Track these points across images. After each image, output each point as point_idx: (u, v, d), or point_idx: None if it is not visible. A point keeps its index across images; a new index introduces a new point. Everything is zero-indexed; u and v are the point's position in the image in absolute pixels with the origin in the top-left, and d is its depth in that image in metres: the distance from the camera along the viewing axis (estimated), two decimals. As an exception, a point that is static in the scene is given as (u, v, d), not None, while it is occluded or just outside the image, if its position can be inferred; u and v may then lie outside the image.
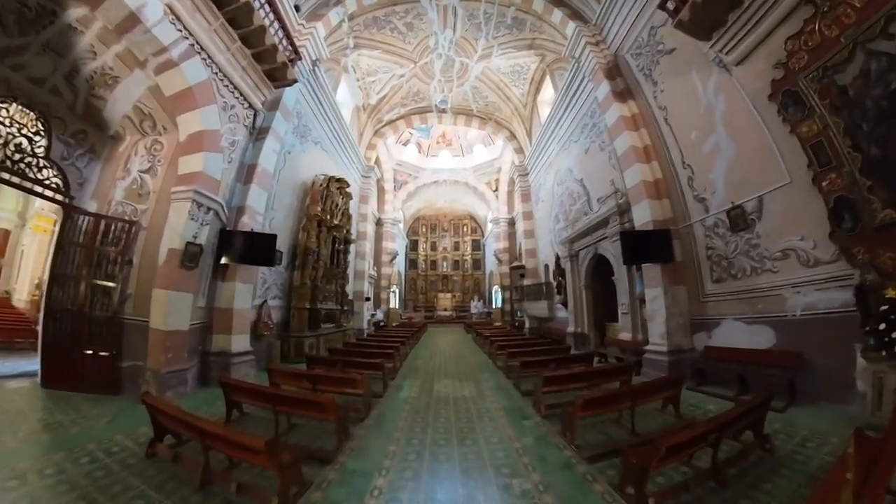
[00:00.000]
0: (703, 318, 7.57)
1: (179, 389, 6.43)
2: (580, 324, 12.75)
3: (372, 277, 22.05)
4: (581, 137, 12.91)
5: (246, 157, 9.26)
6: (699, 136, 7.45)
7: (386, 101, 19.20)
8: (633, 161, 9.20)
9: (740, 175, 6.59)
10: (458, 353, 12.19)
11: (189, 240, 6.87)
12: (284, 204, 11.73)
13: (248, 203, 9.04)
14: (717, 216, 7.15)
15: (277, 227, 11.23)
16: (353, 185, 17.57)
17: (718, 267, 7.23)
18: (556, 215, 14.93)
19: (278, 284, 11.41)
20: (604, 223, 11.23)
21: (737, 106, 6.51)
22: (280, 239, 11.38)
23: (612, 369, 6.63)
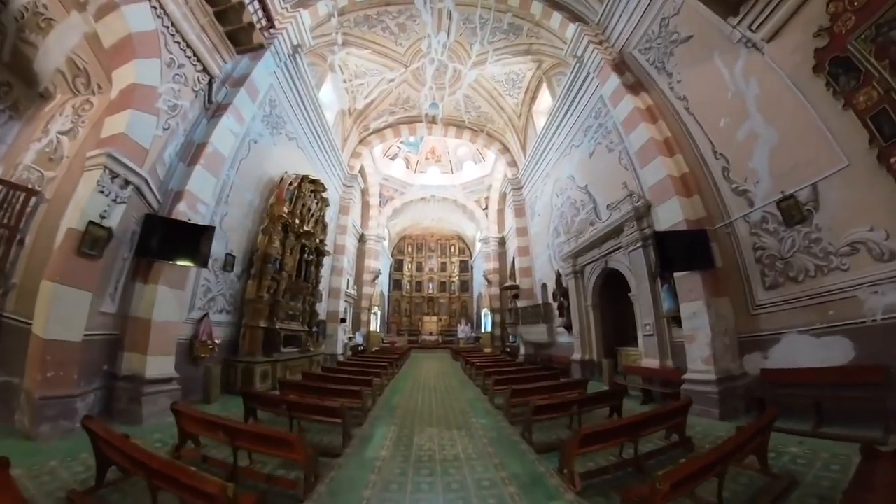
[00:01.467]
0: (756, 335, 6.20)
1: (61, 423, 4.65)
2: (587, 350, 10.74)
3: (350, 297, 19.69)
4: (584, 140, 11.48)
5: (196, 135, 7.69)
6: (730, 123, 6.58)
7: (373, 106, 17.69)
8: (653, 154, 7.96)
9: (788, 161, 5.67)
10: (445, 385, 9.91)
11: (93, 219, 5.18)
12: (243, 200, 9.65)
13: (190, 188, 7.15)
14: (764, 209, 6.04)
15: (232, 225, 9.13)
16: (332, 193, 15.64)
17: (772, 270, 5.97)
18: (556, 228, 13.24)
19: (227, 296, 9.12)
20: (616, 232, 9.53)
21: (773, 86, 5.77)
22: (235, 241, 9.31)
23: (669, 411, 4.58)
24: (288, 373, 9.77)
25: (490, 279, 22.49)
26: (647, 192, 8.48)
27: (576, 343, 11.10)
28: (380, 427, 5.78)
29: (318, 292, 12.44)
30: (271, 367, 9.24)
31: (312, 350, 11.31)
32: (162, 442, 4.68)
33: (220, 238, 8.71)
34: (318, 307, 13.81)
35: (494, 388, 7.34)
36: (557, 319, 12.62)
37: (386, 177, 23.36)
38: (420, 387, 9.63)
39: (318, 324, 13.56)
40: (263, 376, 8.96)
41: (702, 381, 6.25)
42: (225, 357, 8.81)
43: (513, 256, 19.73)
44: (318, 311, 12.63)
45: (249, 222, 9.95)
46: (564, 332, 12.05)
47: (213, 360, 8.26)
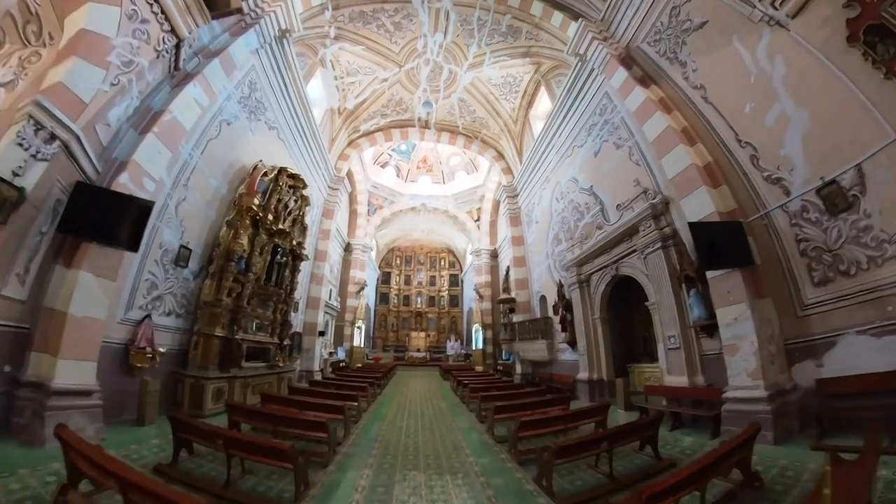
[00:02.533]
0: (807, 340, 5.33)
1: None
2: (596, 368, 9.42)
3: (333, 308, 18.03)
4: (588, 139, 10.61)
5: (154, 101, 6.63)
6: (756, 107, 6.01)
7: (365, 107, 16.67)
8: (673, 143, 7.15)
9: (825, 144, 5.12)
10: (434, 410, 8.32)
11: (2, 174, 4.17)
12: (207, 186, 8.30)
13: (137, 158, 5.97)
14: (803, 198, 5.40)
15: (190, 213, 7.75)
16: (315, 193, 14.31)
17: (819, 264, 5.23)
18: (556, 236, 12.12)
19: (179, 296, 7.59)
20: (629, 234, 8.45)
21: (802, 64, 5.32)
22: (193, 231, 7.90)
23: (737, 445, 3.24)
24: (250, 392, 8.13)
25: (482, 293, 21.15)
26: (663, 187, 7.70)
27: (582, 361, 9.77)
28: (351, 469, 4.26)
29: (292, 300, 10.87)
30: (228, 385, 7.61)
31: (282, 366, 9.64)
32: (58, 475, 3.23)
33: (173, 226, 7.32)
34: (293, 318, 12.19)
35: (496, 417, 5.89)
36: (559, 335, 11.30)
37: (375, 184, 22.17)
38: (405, 411, 8.06)
39: (293, 336, 11.91)
40: (217, 395, 7.33)
41: (748, 400, 5.22)
42: (172, 370, 7.24)
43: (506, 268, 18.54)
44: (291, 321, 11.02)
45: (213, 212, 8.51)
46: (567, 348, 10.72)
47: (155, 373, 6.68)
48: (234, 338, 7.98)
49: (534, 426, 5.04)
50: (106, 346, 5.71)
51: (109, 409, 5.56)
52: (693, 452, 4.91)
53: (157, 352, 6.76)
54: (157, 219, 6.81)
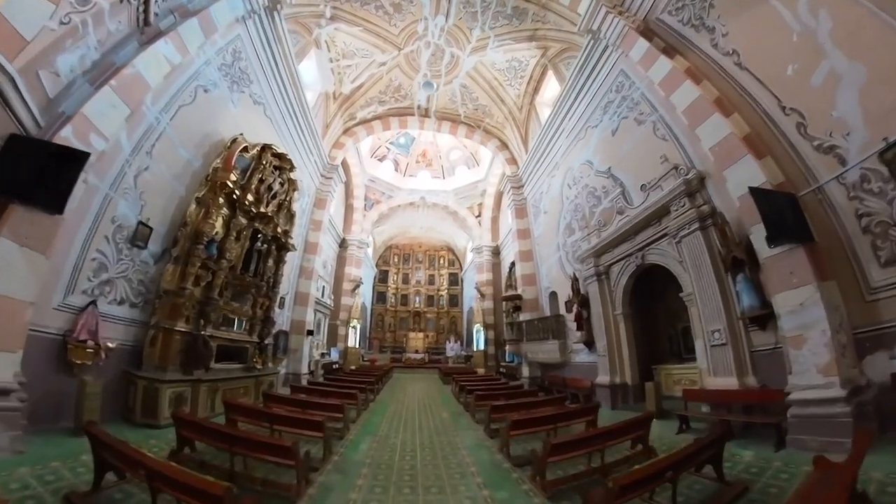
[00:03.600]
0: (877, 329, 4.49)
1: None
2: (618, 371, 8.20)
3: (325, 306, 16.74)
4: (604, 118, 9.59)
5: (118, 57, 5.71)
6: (801, 68, 5.32)
7: (362, 92, 15.51)
8: (707, 113, 6.31)
9: (885, 100, 4.41)
10: (434, 422, 6.94)
11: None
12: (176, 157, 7.18)
13: (86, 111, 5.00)
14: (863, 166, 4.66)
15: (152, 185, 6.64)
16: (305, 181, 13.11)
17: (886, 241, 4.46)
18: (569, 225, 10.94)
19: (135, 282, 6.37)
20: (657, 216, 7.35)
21: (851, 14, 4.73)
22: (155, 207, 6.79)
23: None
24: (219, 398, 6.84)
25: (483, 292, 19.91)
26: (697, 162, 6.79)
27: (601, 363, 8.53)
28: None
29: (276, 295, 9.60)
30: (191, 389, 6.33)
31: (261, 368, 8.33)
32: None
33: (130, 199, 6.18)
34: (278, 315, 10.92)
35: (512, 434, 4.65)
36: (573, 334, 10.07)
37: (372, 178, 20.97)
38: (401, 423, 6.76)
39: (277, 336, 10.62)
40: (176, 401, 6.06)
41: (821, 401, 4.33)
42: (124, 370, 5.99)
43: (510, 264, 17.32)
44: (275, 318, 9.73)
45: (182, 188, 7.30)
46: (583, 349, 9.49)
47: (101, 372, 5.49)
48: (201, 334, 6.72)
49: (564, 449, 3.80)
50: (36, 336, 4.64)
51: (39, 413, 4.58)
52: (761, 471, 3.84)
53: (102, 346, 5.54)
54: (111, 188, 5.78)
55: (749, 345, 5.81)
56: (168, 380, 6.01)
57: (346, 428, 5.71)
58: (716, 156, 6.08)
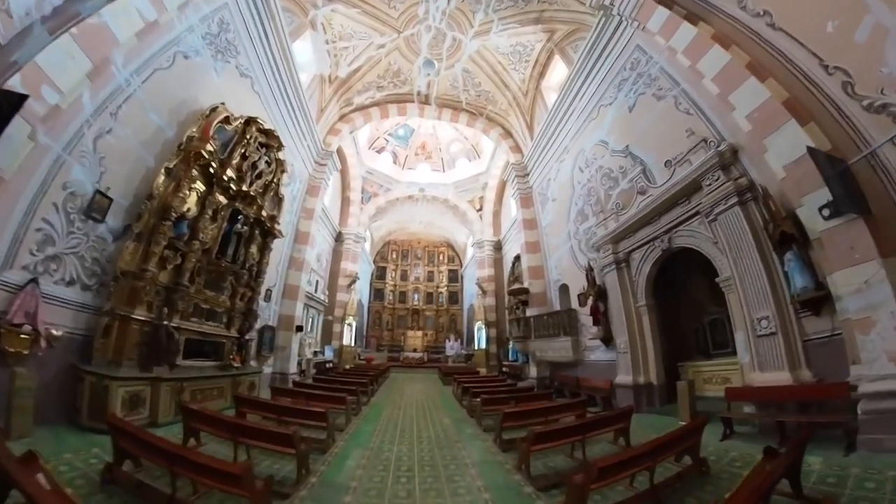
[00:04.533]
0: None
1: None
2: (641, 369, 7.25)
3: (319, 302, 15.72)
4: (619, 96, 8.87)
5: (85, 7, 5.05)
6: (841, 24, 4.82)
7: (359, 76, 14.59)
8: (741, 77, 5.64)
9: None
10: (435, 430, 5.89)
11: None
12: (147, 122, 6.35)
13: (39, 60, 4.37)
14: None
15: (116, 151, 5.79)
16: (297, 166, 12.16)
17: None
18: (581, 211, 10.01)
19: (89, 260, 5.45)
20: (686, 193, 6.57)
21: None
22: (118, 176, 5.98)
23: None
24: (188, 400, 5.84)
25: (485, 288, 18.94)
26: (727, 133, 6.10)
27: (622, 360, 7.57)
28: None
29: (259, 285, 8.59)
30: (150, 389, 5.32)
31: (239, 367, 7.30)
32: None
33: (88, 164, 5.31)
34: (264, 308, 9.92)
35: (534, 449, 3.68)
36: (588, 329, 9.11)
37: (370, 170, 20.02)
38: (397, 431, 5.76)
39: (262, 331, 9.60)
40: (132, 402, 5.10)
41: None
42: (72, 362, 5.05)
43: (514, 258, 16.37)
44: (258, 311, 8.71)
45: (151, 157, 6.37)
46: (600, 346, 8.52)
47: (40, 364, 4.58)
48: (164, 324, 5.71)
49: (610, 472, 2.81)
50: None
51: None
52: (839, 481, 3.15)
53: (44, 333, 4.61)
54: (65, 149, 4.95)
55: (801, 333, 4.97)
56: (121, 377, 5.03)
57: (331, 439, 4.73)
58: (754, 123, 5.38)
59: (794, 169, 4.97)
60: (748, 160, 5.73)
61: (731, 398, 5.48)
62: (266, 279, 9.37)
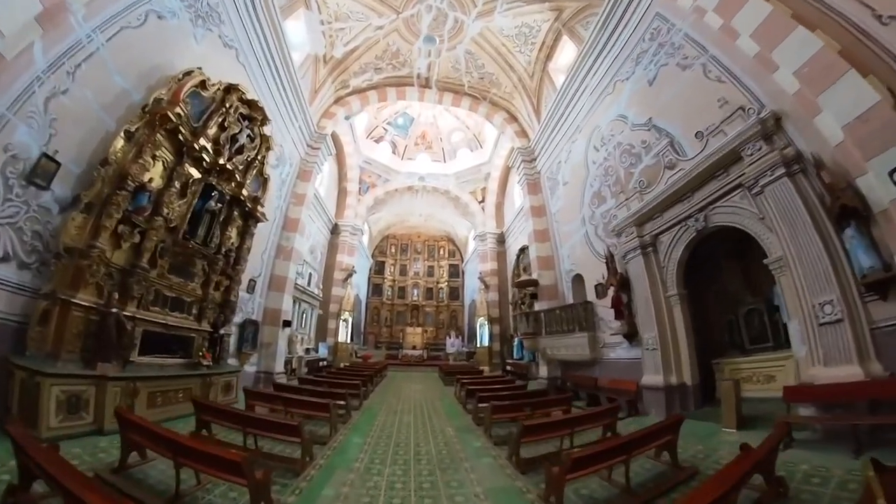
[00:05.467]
0: None
1: None
2: (673, 367, 6.32)
3: (313, 297, 14.76)
4: (637, 69, 8.16)
5: None
6: None
7: (355, 57, 13.65)
8: (788, 28, 4.91)
9: None
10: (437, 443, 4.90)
11: None
12: (109, 85, 5.48)
13: None
14: None
15: (71, 113, 4.97)
16: (288, 147, 11.22)
17: None
18: (598, 193, 9.08)
19: (29, 233, 4.66)
20: (726, 162, 5.74)
21: None
22: (71, 140, 5.12)
23: None
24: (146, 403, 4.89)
25: (487, 282, 17.99)
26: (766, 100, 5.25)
27: (648, 359, 6.62)
28: None
29: (238, 273, 7.61)
30: (95, 389, 4.38)
31: (210, 365, 6.29)
32: None
33: (35, 125, 4.54)
34: (246, 300, 8.97)
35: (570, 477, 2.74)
36: (607, 324, 8.16)
37: (368, 160, 19.06)
38: (390, 444, 4.76)
39: (245, 326, 8.63)
40: (70, 405, 4.17)
41: None
42: (3, 354, 4.15)
43: (519, 249, 15.42)
44: (237, 303, 7.72)
45: (112, 121, 5.50)
46: (622, 342, 7.58)
47: None
48: (115, 312, 4.74)
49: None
50: None
51: None
52: None
53: None
54: (9, 108, 4.22)
55: (868, 320, 4.16)
56: (56, 373, 4.09)
57: (308, 457, 3.76)
58: (804, 80, 4.66)
59: (857, 128, 4.27)
60: (793, 128, 4.94)
61: (792, 399, 4.61)
62: (249, 268, 8.43)
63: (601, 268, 8.41)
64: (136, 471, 3.48)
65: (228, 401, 6.23)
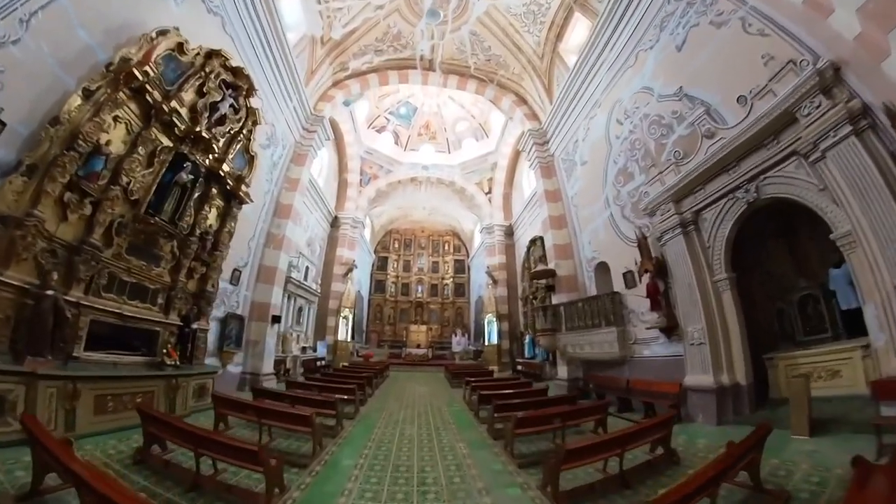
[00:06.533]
0: None
1: None
2: (724, 365, 5.33)
3: (311, 292, 13.90)
4: (662, 36, 7.34)
5: None
6: None
7: (355, 38, 12.85)
8: None
9: None
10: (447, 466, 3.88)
11: None
12: (70, 39, 4.77)
13: None
14: None
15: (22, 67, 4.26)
16: (280, 128, 10.41)
17: None
18: (623, 170, 8.17)
19: None
20: (776, 127, 4.84)
21: None
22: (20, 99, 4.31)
23: None
24: (92, 409, 4.02)
25: (495, 276, 17.05)
26: (820, 49, 4.48)
27: (694, 355, 5.64)
28: None
29: (216, 261, 6.74)
30: (25, 389, 3.51)
31: (177, 364, 5.37)
32: None
33: None
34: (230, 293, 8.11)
35: None
36: (639, 317, 7.18)
37: (369, 150, 18.23)
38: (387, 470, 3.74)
39: (227, 321, 7.75)
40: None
41: None
42: None
43: (530, 241, 14.47)
44: (215, 295, 6.82)
45: (72, 80, 4.74)
46: (658, 337, 6.62)
47: None
48: (53, 295, 3.87)
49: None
50: None
51: None
52: None
53: None
54: None
55: None
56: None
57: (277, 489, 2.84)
58: (869, 16, 3.90)
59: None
60: (856, 78, 4.17)
61: (884, 396, 3.68)
62: (233, 256, 7.58)
63: (630, 253, 7.45)
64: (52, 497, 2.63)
65: (201, 406, 5.34)
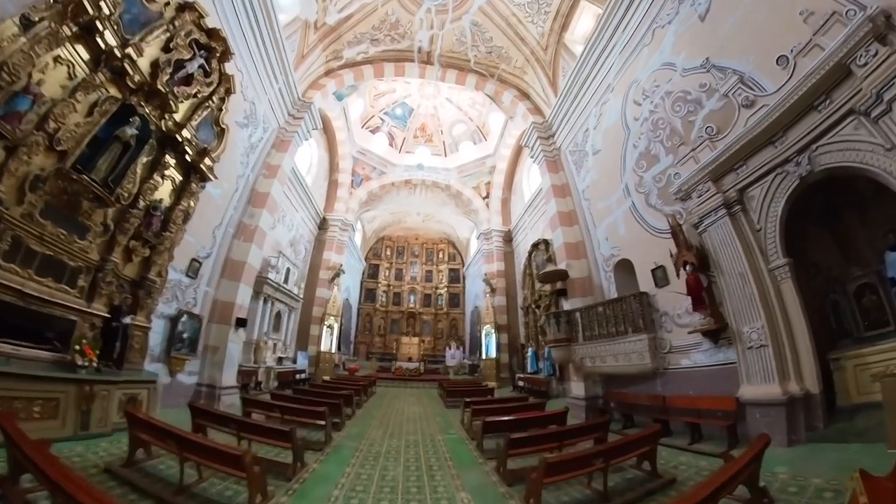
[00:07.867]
0: None
1: None
2: (792, 370, 4.36)
3: (292, 297, 12.69)
4: (681, 8, 6.87)
5: None
6: None
7: (350, 26, 12.25)
8: None
9: None
10: None
11: None
12: None
13: None
14: None
15: None
16: (263, 108, 9.54)
17: None
18: (645, 153, 7.45)
19: None
20: (826, 85, 4.16)
21: None
22: None
23: None
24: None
25: (494, 284, 16.04)
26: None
27: (751, 362, 4.65)
28: None
29: (165, 243, 5.65)
30: None
31: (95, 366, 4.19)
32: None
33: None
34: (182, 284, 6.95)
35: None
36: (675, 320, 6.19)
37: (362, 150, 17.46)
38: None
39: (177, 319, 6.52)
40: None
41: None
42: None
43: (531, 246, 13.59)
44: (161, 284, 5.66)
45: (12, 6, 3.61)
46: (701, 343, 5.61)
47: None
48: None
49: None
50: None
51: None
52: None
53: None
54: None
55: None
56: None
57: None
58: None
59: None
60: None
61: None
62: (191, 244, 6.50)
63: (659, 246, 6.56)
64: None
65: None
